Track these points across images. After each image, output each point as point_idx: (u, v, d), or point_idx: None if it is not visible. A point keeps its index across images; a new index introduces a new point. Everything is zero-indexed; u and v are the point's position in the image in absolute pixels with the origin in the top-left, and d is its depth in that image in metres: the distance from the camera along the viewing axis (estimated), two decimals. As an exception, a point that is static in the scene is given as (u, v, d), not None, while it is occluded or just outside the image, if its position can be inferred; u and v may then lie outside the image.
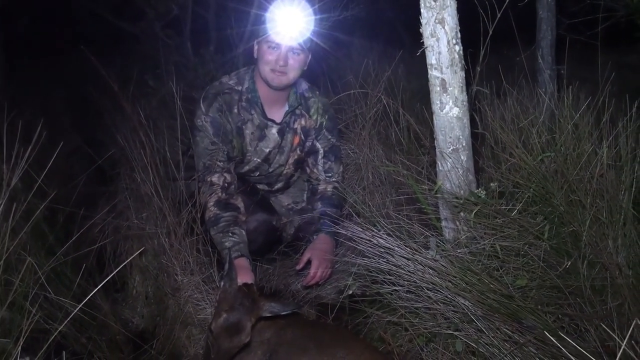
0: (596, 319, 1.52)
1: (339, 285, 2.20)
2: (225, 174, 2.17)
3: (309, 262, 2.08)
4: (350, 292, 2.02)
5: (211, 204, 2.10)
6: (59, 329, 1.42)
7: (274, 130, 2.29)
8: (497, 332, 1.58)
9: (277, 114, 2.29)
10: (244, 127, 2.25)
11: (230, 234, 2.03)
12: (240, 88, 2.24)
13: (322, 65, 2.25)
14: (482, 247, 1.70)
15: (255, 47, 2.18)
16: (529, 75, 2.36)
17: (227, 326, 1.55)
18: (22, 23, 6.36)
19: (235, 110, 2.23)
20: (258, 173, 2.38)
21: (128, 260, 1.85)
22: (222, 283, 1.66)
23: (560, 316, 1.59)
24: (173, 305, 2.07)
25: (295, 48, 2.10)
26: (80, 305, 1.37)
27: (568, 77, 2.10)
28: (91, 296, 1.42)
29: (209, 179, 2.14)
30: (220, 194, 2.12)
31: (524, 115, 1.97)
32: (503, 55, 2.85)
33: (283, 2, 2.10)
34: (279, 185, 2.47)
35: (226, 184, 2.15)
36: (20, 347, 1.36)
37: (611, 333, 1.44)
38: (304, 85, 2.33)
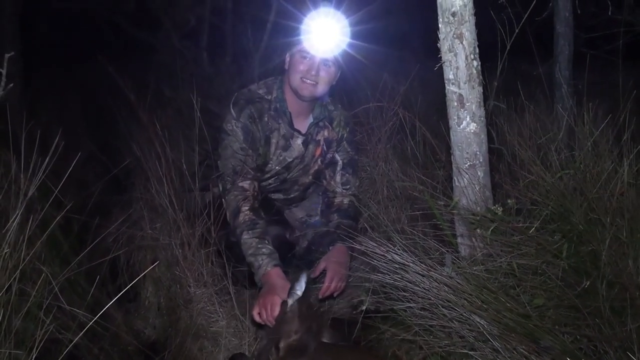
0: (615, 340, 1.49)
1: (353, 300, 2.18)
2: (255, 183, 2.18)
3: (323, 273, 2.07)
4: (364, 307, 2.00)
5: (246, 207, 2.10)
6: (74, 341, 1.41)
7: (299, 141, 2.30)
8: (513, 352, 1.55)
9: (302, 124, 2.30)
10: (271, 135, 2.26)
11: (266, 242, 2.04)
12: (269, 97, 2.25)
13: (341, 78, 2.26)
14: (499, 264, 1.67)
15: (287, 59, 2.21)
16: (546, 89, 2.34)
17: (296, 348, 1.55)
18: (40, 31, 6.46)
19: (265, 119, 2.23)
20: (275, 179, 2.37)
21: (143, 274, 1.85)
22: (289, 301, 1.65)
23: (578, 337, 1.56)
24: (185, 317, 2.07)
25: (327, 60, 2.13)
26: (96, 318, 1.37)
27: (586, 92, 2.07)
28: (105, 308, 1.42)
29: (239, 184, 2.14)
30: (252, 201, 2.13)
31: (542, 131, 1.95)
32: (519, 69, 2.84)
33: (319, 14, 2.13)
34: (295, 194, 2.46)
35: (255, 193, 2.16)
36: (33, 358, 1.36)
37: (631, 356, 1.41)
38: (327, 98, 2.34)
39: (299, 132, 2.29)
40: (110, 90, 3.64)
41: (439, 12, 1.68)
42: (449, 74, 1.71)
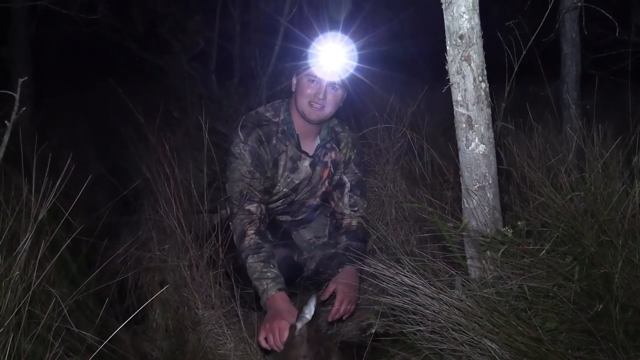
0: (630, 365, 1.47)
1: (362, 323, 2.16)
2: (262, 206, 2.18)
3: (332, 295, 2.06)
4: (373, 330, 1.98)
5: (252, 231, 2.10)
6: (82, 365, 1.41)
7: (307, 162, 2.31)
8: (526, 377, 1.52)
9: (309, 146, 2.31)
10: (279, 158, 2.26)
11: (272, 266, 2.04)
12: (277, 120, 2.27)
13: (348, 100, 2.28)
14: (510, 287, 1.65)
15: (294, 81, 2.23)
16: (555, 110, 2.33)
17: None
18: (51, 55, 6.55)
19: (273, 142, 2.25)
20: (283, 201, 2.37)
21: (152, 298, 1.84)
22: (298, 325, 1.65)
23: (591, 362, 1.54)
24: (193, 340, 2.05)
25: (335, 83, 2.14)
26: (106, 342, 1.36)
27: (594, 113, 2.07)
28: (114, 332, 1.42)
29: (246, 207, 2.15)
30: (258, 225, 2.13)
31: (551, 152, 1.94)
32: (527, 91, 2.84)
33: (327, 38, 2.15)
34: (303, 216, 2.46)
35: (262, 216, 2.17)
36: (41, 382, 1.36)
37: (646, 381, 1.38)
38: (334, 120, 2.36)
39: (306, 154, 2.29)
40: (120, 112, 3.67)
41: (447, 35, 1.70)
42: (457, 96, 1.72)
